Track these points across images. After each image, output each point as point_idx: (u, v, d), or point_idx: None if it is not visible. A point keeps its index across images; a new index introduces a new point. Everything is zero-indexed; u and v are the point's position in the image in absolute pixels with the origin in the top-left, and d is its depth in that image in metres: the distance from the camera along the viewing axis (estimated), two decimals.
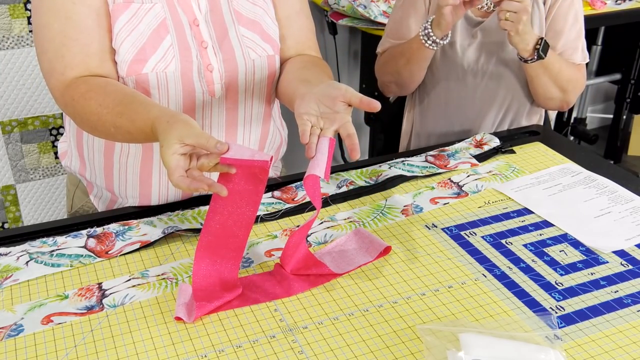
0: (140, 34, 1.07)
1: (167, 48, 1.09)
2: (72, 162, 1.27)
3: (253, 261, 1.03)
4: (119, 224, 1.11)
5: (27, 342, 0.87)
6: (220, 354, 0.85)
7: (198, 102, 1.13)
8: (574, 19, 1.47)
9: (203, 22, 1.12)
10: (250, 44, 1.15)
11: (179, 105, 1.12)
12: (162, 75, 1.09)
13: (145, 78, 1.08)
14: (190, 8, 1.11)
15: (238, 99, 1.17)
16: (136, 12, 1.07)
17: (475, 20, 1.49)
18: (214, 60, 1.12)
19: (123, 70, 1.08)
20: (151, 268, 1.01)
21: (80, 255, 1.04)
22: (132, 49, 1.07)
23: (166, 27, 1.09)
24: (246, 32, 1.15)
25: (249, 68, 1.15)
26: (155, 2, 1.09)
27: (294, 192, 1.22)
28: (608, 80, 2.88)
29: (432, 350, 0.83)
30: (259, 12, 1.17)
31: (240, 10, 1.15)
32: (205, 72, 1.12)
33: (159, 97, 1.10)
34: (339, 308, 0.93)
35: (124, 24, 1.07)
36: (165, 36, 1.09)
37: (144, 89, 1.09)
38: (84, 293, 0.96)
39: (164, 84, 1.09)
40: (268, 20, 1.18)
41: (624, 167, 2.98)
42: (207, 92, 1.13)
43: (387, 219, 1.14)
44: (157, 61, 1.08)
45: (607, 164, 1.29)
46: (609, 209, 1.16)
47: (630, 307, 0.94)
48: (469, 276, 1.00)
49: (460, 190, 1.23)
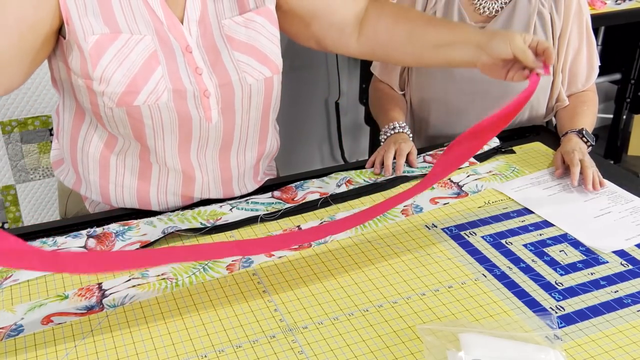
0: (132, 64, 1.03)
1: (159, 80, 1.05)
2: (66, 176, 1.24)
3: (253, 261, 1.03)
4: (119, 224, 1.11)
5: (27, 342, 0.87)
6: (220, 354, 0.85)
7: (195, 129, 1.11)
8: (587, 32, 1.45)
9: (195, 47, 1.08)
10: (246, 68, 1.11)
11: (175, 132, 1.10)
12: (154, 107, 1.06)
13: (137, 110, 1.05)
14: (181, 34, 1.07)
15: (235, 122, 1.14)
16: (126, 43, 1.03)
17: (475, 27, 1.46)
18: (210, 86, 1.09)
19: (112, 101, 1.04)
20: (151, 268, 1.01)
21: None
22: (124, 79, 1.03)
23: (157, 59, 1.05)
24: (241, 56, 1.11)
25: (246, 92, 1.12)
26: (144, 33, 1.04)
27: (293, 192, 1.22)
28: (608, 80, 2.88)
29: (432, 350, 0.83)
30: (252, 34, 1.12)
31: (233, 35, 1.11)
32: (202, 98, 1.08)
33: (153, 125, 1.08)
34: (339, 308, 0.93)
35: (114, 55, 1.02)
36: (156, 68, 1.05)
37: (136, 119, 1.06)
38: (84, 293, 0.96)
39: (157, 115, 1.07)
40: (264, 40, 1.13)
41: (624, 167, 2.98)
42: (204, 118, 1.10)
43: (387, 219, 1.14)
44: (149, 93, 1.05)
45: (607, 164, 1.29)
46: (608, 208, 1.16)
47: (630, 307, 0.94)
48: (469, 276, 1.00)
49: (460, 190, 1.23)
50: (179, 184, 1.16)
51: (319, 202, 1.19)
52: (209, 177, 1.16)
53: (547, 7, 1.42)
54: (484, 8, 1.43)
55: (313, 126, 2.89)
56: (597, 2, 2.39)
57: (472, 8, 1.44)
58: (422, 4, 1.46)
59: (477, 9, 1.44)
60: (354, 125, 2.93)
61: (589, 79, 1.49)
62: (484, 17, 1.45)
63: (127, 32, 1.04)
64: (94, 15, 1.02)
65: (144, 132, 1.08)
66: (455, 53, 1.16)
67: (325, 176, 1.28)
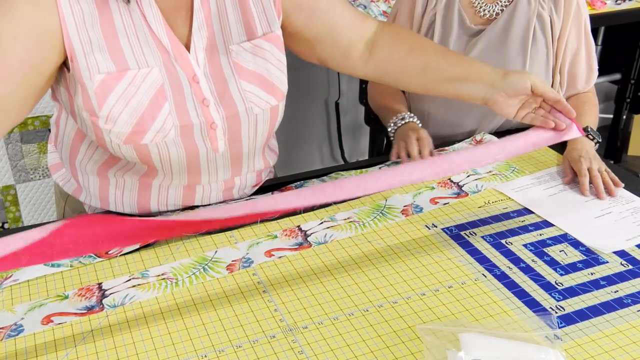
0: (139, 103, 1.01)
1: (166, 116, 1.03)
2: (66, 183, 1.23)
3: (253, 261, 1.03)
4: None
5: (27, 342, 0.87)
6: (220, 354, 0.85)
7: (202, 159, 1.10)
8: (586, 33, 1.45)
9: (202, 77, 1.06)
10: (253, 99, 1.09)
11: (182, 164, 1.09)
12: (162, 144, 1.05)
13: (145, 148, 1.04)
14: (188, 63, 1.04)
15: (242, 149, 1.14)
16: (133, 80, 1.01)
17: (474, 30, 1.44)
18: (217, 118, 1.07)
19: (119, 139, 1.03)
20: (151, 268, 1.01)
21: (80, 255, 1.04)
22: (131, 119, 1.01)
23: (164, 94, 1.03)
24: (248, 85, 1.09)
25: (252, 122, 1.11)
26: (152, 66, 1.02)
27: None
28: (608, 80, 2.88)
29: (432, 350, 0.83)
30: (260, 62, 1.10)
31: (241, 62, 1.08)
32: (209, 130, 1.07)
33: (160, 160, 1.07)
34: (339, 308, 0.93)
35: (120, 94, 1.00)
36: (163, 104, 1.03)
37: (144, 153, 1.05)
38: (84, 293, 0.96)
39: (165, 150, 1.06)
40: (271, 68, 1.11)
41: (624, 167, 2.98)
42: (210, 149, 1.09)
43: (387, 219, 1.14)
44: (156, 131, 1.03)
45: (607, 164, 1.29)
46: (609, 209, 1.16)
47: (630, 307, 0.94)
48: (469, 276, 1.00)
49: (460, 190, 1.23)
50: (179, 195, 1.16)
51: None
52: (212, 189, 1.17)
53: (546, 9, 1.42)
54: (484, 10, 1.43)
55: (313, 126, 2.89)
56: (597, 2, 2.39)
57: (472, 11, 1.44)
58: (422, 6, 1.46)
59: (477, 11, 1.44)
60: (354, 125, 2.93)
61: (589, 81, 1.49)
62: (484, 19, 1.44)
63: (134, 66, 1.01)
64: (100, 51, 0.99)
65: (152, 163, 1.08)
66: (467, 89, 1.17)
67: (325, 176, 1.28)
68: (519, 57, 1.43)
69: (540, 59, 1.43)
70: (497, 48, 1.43)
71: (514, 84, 1.12)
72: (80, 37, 0.98)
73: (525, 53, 1.42)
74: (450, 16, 1.44)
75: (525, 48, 1.42)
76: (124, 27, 1.00)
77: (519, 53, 1.42)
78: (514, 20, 1.42)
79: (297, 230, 1.11)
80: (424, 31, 1.47)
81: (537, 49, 1.43)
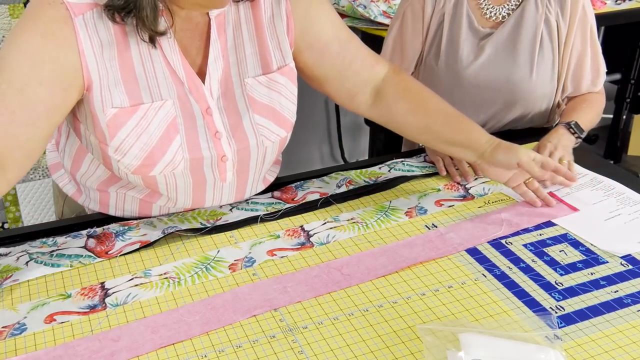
0: (150, 137, 1.00)
1: (176, 150, 1.03)
2: (66, 185, 1.22)
3: (255, 260, 1.03)
4: (119, 224, 1.11)
5: (27, 343, 0.87)
6: (220, 354, 0.85)
7: (209, 189, 1.11)
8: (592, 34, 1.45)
9: (216, 109, 1.05)
10: (264, 132, 1.09)
11: (189, 194, 1.10)
12: (170, 175, 1.05)
13: (153, 180, 1.05)
14: (202, 95, 1.03)
15: (248, 178, 1.14)
16: (145, 114, 1.00)
17: (484, 32, 1.44)
18: (229, 151, 1.07)
19: (128, 169, 1.02)
20: (153, 268, 1.01)
21: (80, 255, 1.04)
22: (140, 153, 1.01)
23: (176, 127, 1.02)
24: (260, 119, 1.08)
25: (261, 154, 1.11)
26: (165, 98, 1.01)
27: (293, 192, 1.22)
28: (608, 80, 2.87)
29: (432, 350, 0.83)
30: (274, 95, 1.10)
31: (254, 95, 1.08)
32: (220, 162, 1.07)
33: (167, 191, 1.08)
34: (339, 308, 0.93)
35: (132, 129, 1.00)
36: (174, 137, 1.02)
37: (151, 183, 1.05)
38: (86, 292, 0.96)
39: (172, 182, 1.06)
40: (284, 101, 1.11)
41: (624, 167, 2.98)
42: (219, 179, 1.09)
43: (390, 220, 1.14)
44: (166, 165, 1.03)
45: (607, 164, 1.29)
46: (618, 211, 1.16)
47: (630, 307, 0.94)
48: (469, 276, 1.00)
49: (467, 193, 1.23)
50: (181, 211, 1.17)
51: (319, 202, 1.19)
52: (219, 203, 1.17)
53: (553, 13, 1.42)
54: (490, 13, 1.43)
55: (313, 126, 2.89)
56: (597, 2, 2.39)
57: (479, 12, 1.44)
58: (432, 6, 1.45)
59: (484, 13, 1.44)
60: (354, 125, 2.93)
61: (596, 83, 1.48)
62: (491, 22, 1.44)
63: (147, 100, 1.00)
64: (115, 83, 0.98)
65: (157, 189, 1.08)
66: (461, 152, 1.21)
67: (325, 176, 1.28)
68: (526, 64, 1.42)
69: (546, 65, 1.43)
70: (505, 53, 1.43)
71: (499, 160, 1.16)
72: (99, 69, 0.97)
73: (533, 59, 1.42)
74: (458, 17, 1.44)
75: (532, 54, 1.42)
76: (140, 58, 0.99)
77: (527, 59, 1.42)
78: (522, 25, 1.41)
79: (299, 230, 1.11)
80: (432, 32, 1.46)
81: (544, 54, 1.43)
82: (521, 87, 1.44)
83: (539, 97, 1.46)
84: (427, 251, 1.05)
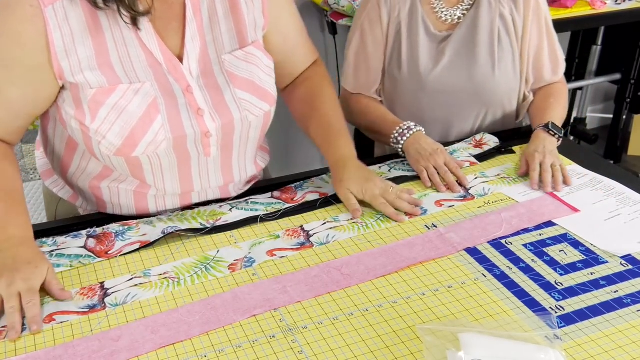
0: (130, 117, 1.02)
1: (158, 130, 1.04)
2: (61, 190, 1.23)
3: (255, 260, 1.03)
4: (118, 224, 1.11)
5: (29, 342, 0.87)
6: (220, 354, 0.85)
7: (194, 165, 1.11)
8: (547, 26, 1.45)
9: (197, 87, 1.06)
10: (247, 106, 1.11)
11: (175, 174, 1.11)
12: (153, 155, 1.06)
13: (136, 160, 1.06)
14: (181, 75, 1.05)
15: (232, 153, 1.15)
16: (124, 94, 1.02)
17: (441, 36, 1.43)
18: (212, 127, 1.08)
19: (110, 150, 1.04)
20: (153, 268, 1.01)
21: (80, 255, 1.04)
22: (122, 132, 1.02)
23: (157, 108, 1.03)
24: (242, 94, 1.10)
25: (245, 128, 1.13)
26: (143, 81, 1.03)
27: (293, 192, 1.22)
28: (608, 80, 2.88)
29: (432, 350, 0.83)
30: (253, 69, 1.11)
31: (234, 70, 1.10)
32: (203, 138, 1.08)
33: (152, 170, 1.08)
34: (338, 308, 0.93)
35: (111, 108, 1.01)
36: (155, 117, 1.03)
37: (135, 165, 1.07)
38: (86, 292, 0.96)
39: (157, 160, 1.07)
40: (262, 74, 1.13)
41: (624, 167, 2.98)
42: (202, 154, 1.10)
43: (390, 220, 1.14)
44: (148, 144, 1.04)
45: (607, 164, 1.29)
46: (618, 211, 1.16)
47: (630, 307, 0.94)
48: (469, 276, 1.00)
49: (467, 193, 1.23)
50: (177, 201, 1.17)
51: (319, 202, 1.19)
52: (208, 186, 1.17)
53: (507, 8, 1.42)
54: (445, 16, 1.43)
55: None
56: (597, 2, 2.39)
57: (434, 17, 1.44)
58: (387, 14, 1.44)
59: (439, 17, 1.44)
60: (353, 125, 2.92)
61: (556, 72, 1.48)
62: (447, 25, 1.44)
63: (125, 82, 1.02)
64: (90, 68, 1.00)
65: (143, 173, 1.09)
66: None
67: (324, 175, 1.28)
68: (487, 61, 1.42)
69: (507, 60, 1.43)
70: (465, 54, 1.42)
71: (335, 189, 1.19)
72: (69, 58, 0.99)
73: (493, 56, 1.42)
74: (415, 24, 1.43)
75: (492, 51, 1.42)
76: (114, 42, 1.01)
77: (487, 56, 1.42)
78: (478, 24, 1.41)
79: (299, 231, 1.11)
80: (391, 41, 1.45)
81: (504, 50, 1.43)
82: (485, 85, 1.43)
83: (505, 92, 1.46)
84: (427, 251, 1.05)
